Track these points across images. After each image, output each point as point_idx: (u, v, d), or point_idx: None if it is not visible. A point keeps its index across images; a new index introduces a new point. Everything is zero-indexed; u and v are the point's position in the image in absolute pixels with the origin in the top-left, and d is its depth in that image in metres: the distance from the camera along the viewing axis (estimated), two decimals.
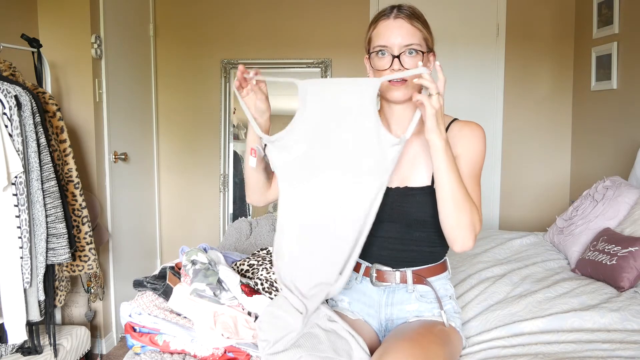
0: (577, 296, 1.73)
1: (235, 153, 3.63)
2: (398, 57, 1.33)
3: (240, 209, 3.66)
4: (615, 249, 1.88)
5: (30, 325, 2.06)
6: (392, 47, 1.34)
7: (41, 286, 1.99)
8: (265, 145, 1.36)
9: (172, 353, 1.40)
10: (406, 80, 1.35)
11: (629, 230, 1.99)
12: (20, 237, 1.90)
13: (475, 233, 1.29)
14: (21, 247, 1.90)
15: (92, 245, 2.34)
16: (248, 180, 1.49)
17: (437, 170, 1.27)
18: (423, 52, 1.36)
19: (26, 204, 1.91)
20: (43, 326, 2.19)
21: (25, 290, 1.95)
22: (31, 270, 1.94)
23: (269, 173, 1.48)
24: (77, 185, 2.27)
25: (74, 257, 2.28)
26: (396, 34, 1.34)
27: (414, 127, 1.25)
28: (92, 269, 2.35)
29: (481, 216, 1.35)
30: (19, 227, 1.90)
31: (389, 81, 1.36)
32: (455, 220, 1.28)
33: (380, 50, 1.36)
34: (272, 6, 3.49)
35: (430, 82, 1.20)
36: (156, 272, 1.60)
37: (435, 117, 1.21)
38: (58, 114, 2.20)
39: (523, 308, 1.67)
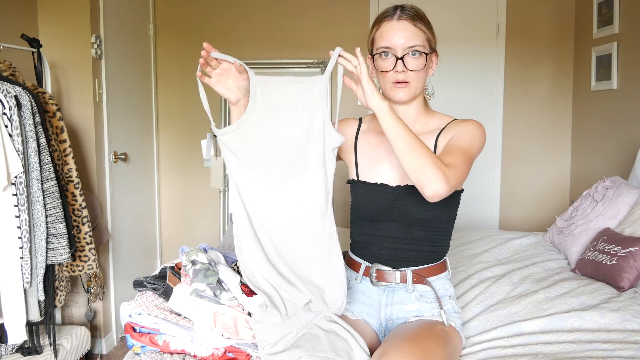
0: (577, 296, 1.73)
1: None
2: (402, 58, 1.34)
3: None
4: (615, 249, 1.88)
5: (30, 325, 2.06)
6: (396, 48, 1.34)
7: (41, 286, 1.99)
8: (215, 136, 1.36)
9: (172, 353, 1.40)
10: (409, 82, 1.35)
11: (629, 230, 1.99)
12: (20, 237, 1.90)
13: (445, 175, 1.20)
14: (21, 247, 1.90)
15: (92, 246, 2.34)
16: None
17: (387, 131, 1.22)
18: (426, 54, 1.36)
19: (26, 204, 1.91)
20: (43, 326, 2.19)
21: (25, 290, 1.94)
22: (31, 270, 1.94)
23: None
24: (77, 186, 2.27)
25: (74, 257, 2.28)
26: (400, 35, 1.34)
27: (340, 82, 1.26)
28: (92, 269, 2.35)
29: (462, 172, 1.29)
30: (19, 227, 1.90)
31: (393, 83, 1.36)
32: (416, 165, 1.20)
33: (383, 52, 1.36)
34: (272, 6, 3.49)
35: (347, 59, 1.21)
36: (156, 272, 1.60)
37: (367, 84, 1.21)
38: (58, 114, 2.20)
39: (523, 308, 1.67)
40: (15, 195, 1.89)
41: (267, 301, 1.34)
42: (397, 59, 1.34)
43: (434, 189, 1.19)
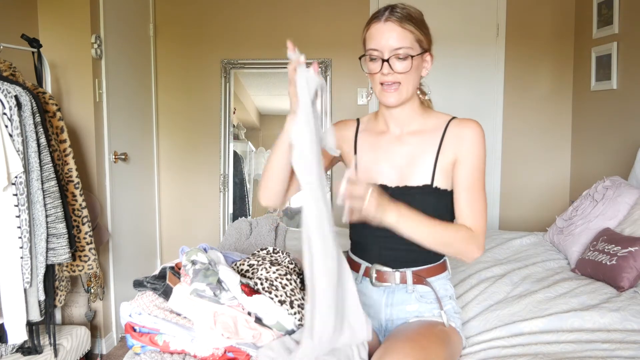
0: (577, 296, 1.73)
1: (235, 153, 3.63)
2: (387, 60, 1.33)
3: (240, 209, 3.66)
4: (615, 249, 1.88)
5: (30, 325, 2.06)
6: (383, 50, 1.34)
7: (41, 286, 1.99)
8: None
9: (172, 353, 1.40)
10: (400, 83, 1.35)
11: (628, 230, 1.99)
12: (20, 237, 1.90)
13: (477, 244, 1.35)
14: (21, 247, 1.90)
15: (92, 245, 2.34)
16: (271, 177, 1.38)
17: (408, 236, 1.30)
18: (413, 56, 1.34)
19: (26, 204, 1.91)
20: (43, 326, 2.19)
21: (25, 290, 1.95)
22: (31, 270, 1.94)
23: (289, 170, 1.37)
24: (77, 185, 2.27)
25: (74, 257, 2.28)
26: (386, 37, 1.33)
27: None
28: (92, 269, 2.35)
29: (486, 218, 1.38)
30: (19, 227, 1.90)
31: (381, 84, 1.36)
32: (451, 252, 1.36)
33: (372, 54, 1.36)
34: (272, 6, 3.49)
35: (344, 198, 1.17)
36: (156, 272, 1.60)
37: (369, 212, 1.21)
38: (58, 114, 2.20)
39: (523, 308, 1.67)
40: (16, 195, 1.90)
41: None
42: (383, 61, 1.33)
43: (473, 259, 1.37)
